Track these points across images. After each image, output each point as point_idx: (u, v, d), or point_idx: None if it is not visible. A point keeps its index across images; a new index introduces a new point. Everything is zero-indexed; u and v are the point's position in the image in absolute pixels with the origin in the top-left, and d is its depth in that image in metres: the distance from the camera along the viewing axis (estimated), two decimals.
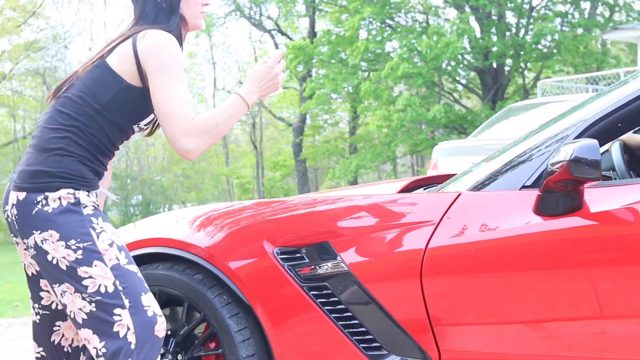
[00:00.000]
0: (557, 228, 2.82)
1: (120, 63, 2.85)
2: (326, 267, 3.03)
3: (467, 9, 22.92)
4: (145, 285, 2.84)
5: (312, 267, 3.05)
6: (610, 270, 2.79)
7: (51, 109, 2.90)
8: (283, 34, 31.56)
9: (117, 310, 2.75)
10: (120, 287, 2.76)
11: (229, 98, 2.90)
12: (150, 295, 2.83)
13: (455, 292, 2.93)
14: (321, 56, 24.94)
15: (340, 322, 3.02)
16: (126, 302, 2.76)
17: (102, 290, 2.75)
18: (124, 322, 2.75)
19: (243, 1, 30.43)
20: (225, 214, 3.34)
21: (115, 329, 2.75)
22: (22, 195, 2.80)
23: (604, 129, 2.98)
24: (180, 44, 2.97)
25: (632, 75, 3.32)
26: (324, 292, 3.04)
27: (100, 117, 2.83)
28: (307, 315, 3.05)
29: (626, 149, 3.36)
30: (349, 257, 3.03)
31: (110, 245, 2.80)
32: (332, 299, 3.04)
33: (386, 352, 2.99)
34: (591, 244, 2.80)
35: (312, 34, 28.43)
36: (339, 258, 3.02)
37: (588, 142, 2.70)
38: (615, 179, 3.30)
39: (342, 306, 3.02)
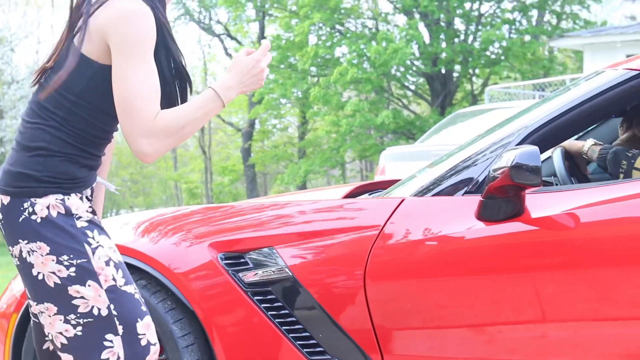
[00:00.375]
0: (499, 233, 2.85)
1: (89, 43, 2.45)
2: (270, 273, 3.03)
3: (416, 16, 23.08)
4: (143, 307, 2.55)
5: (256, 272, 3.04)
6: (551, 274, 2.82)
7: (31, 99, 2.56)
8: (232, 38, 31.53)
9: (109, 336, 2.49)
10: (114, 312, 2.49)
11: (202, 94, 2.48)
12: (147, 319, 2.55)
13: (399, 297, 2.94)
14: (271, 61, 24.88)
15: (284, 327, 3.02)
16: (119, 329, 2.50)
17: (95, 312, 2.48)
18: (115, 349, 2.49)
19: (192, 5, 30.36)
20: (171, 219, 3.32)
21: (103, 356, 2.49)
22: (6, 199, 2.50)
23: (546, 136, 3.02)
24: (159, 17, 2.50)
25: (573, 83, 3.37)
26: (268, 297, 3.04)
27: (79, 108, 2.47)
28: (251, 320, 3.05)
29: (567, 155, 3.40)
30: (293, 262, 3.03)
31: (107, 263, 2.50)
32: (276, 304, 3.03)
33: (330, 357, 2.99)
34: (532, 249, 2.83)
35: (262, 38, 28.42)
36: (282, 263, 3.02)
37: (529, 148, 2.73)
38: (556, 184, 3.34)
39: (286, 311, 3.02)
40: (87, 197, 2.60)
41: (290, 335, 3.02)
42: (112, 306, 2.49)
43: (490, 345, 2.87)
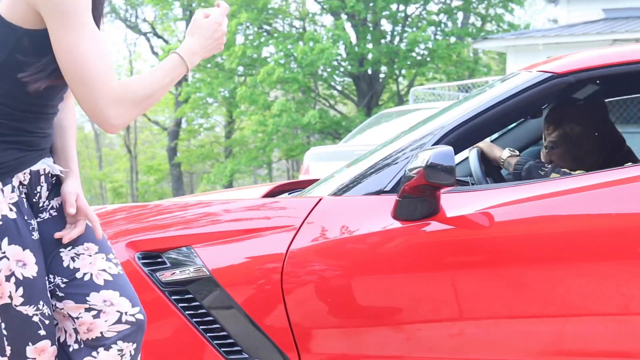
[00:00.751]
0: (415, 232, 2.88)
1: (10, 8, 2.21)
2: (188, 272, 3.01)
3: (343, 16, 23.17)
4: (40, 331, 2.29)
5: (174, 272, 3.02)
6: (466, 273, 2.86)
7: None
8: (159, 37, 31.29)
9: None
10: (4, 332, 2.27)
11: (167, 61, 2.31)
12: (42, 344, 2.31)
13: (316, 296, 2.95)
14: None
15: (201, 327, 3.01)
16: (7, 349, 2.28)
17: None
18: None
19: (119, 3, 30.03)
20: None
21: None
22: None
23: (461, 136, 3.07)
24: None
25: (489, 84, 3.42)
26: (186, 297, 3.02)
27: (2, 80, 2.22)
28: (168, 320, 3.03)
29: (483, 155, 3.45)
30: (211, 261, 3.01)
31: (7, 278, 2.23)
32: (193, 304, 3.02)
33: (247, 356, 2.99)
34: (448, 247, 2.87)
35: None
36: (200, 263, 3.01)
37: (443, 148, 2.76)
38: (472, 184, 3.39)
39: (204, 311, 3.01)
40: (20, 185, 2.32)
41: (208, 334, 3.01)
42: (2, 325, 2.27)
43: (408, 343, 2.90)
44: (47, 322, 2.33)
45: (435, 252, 2.87)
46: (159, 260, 3.06)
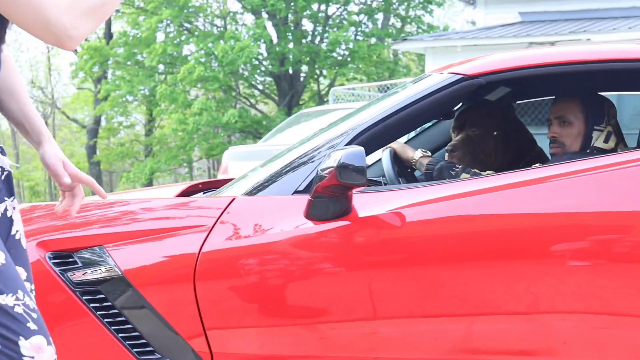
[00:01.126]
0: (327, 232, 2.90)
1: None
2: (99, 272, 2.99)
3: (264, 15, 23.16)
4: (29, 325, 2.08)
5: (85, 272, 2.99)
6: (379, 272, 2.88)
7: None
8: None
9: None
10: None
11: None
12: (36, 340, 2.08)
13: (229, 296, 2.95)
14: (117, 57, 24.56)
15: (113, 327, 2.98)
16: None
17: None
18: None
19: None
20: None
21: None
22: None
23: (374, 137, 3.09)
24: None
25: (401, 85, 3.46)
26: (97, 297, 3.00)
27: None
28: (79, 320, 3.00)
29: (396, 156, 3.48)
30: (123, 261, 2.99)
31: None
32: (105, 304, 2.99)
33: (160, 356, 2.97)
34: (360, 247, 2.89)
35: (109, 34, 27.94)
36: (112, 262, 2.98)
37: (355, 149, 2.78)
38: (385, 184, 3.42)
39: (116, 311, 2.99)
40: None
41: (120, 335, 2.98)
42: None
43: (322, 342, 2.91)
44: (34, 315, 2.11)
45: (348, 252, 2.89)
46: (71, 260, 3.03)
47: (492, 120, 3.66)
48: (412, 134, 4.58)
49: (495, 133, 3.63)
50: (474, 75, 3.13)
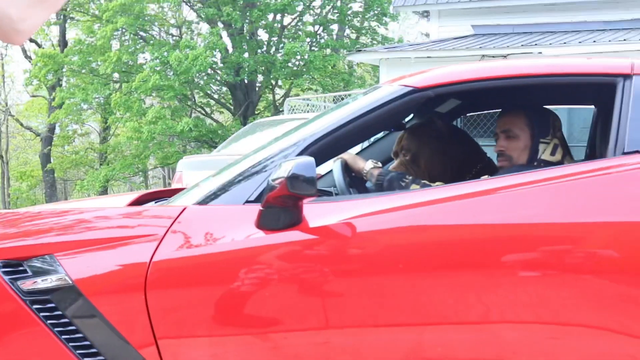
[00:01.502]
0: (278, 242, 2.91)
1: None
2: (50, 281, 2.97)
3: (220, 25, 23.12)
4: None
5: (35, 280, 2.98)
6: (331, 282, 2.89)
7: None
8: (32, 41, 30.55)
9: None
10: None
11: None
12: None
13: (181, 306, 2.95)
14: (72, 65, 24.39)
15: (63, 337, 2.96)
16: None
17: None
18: None
19: None
20: None
21: None
22: None
23: (325, 147, 3.11)
24: None
25: (352, 97, 3.48)
26: (48, 306, 2.98)
27: None
28: (29, 330, 2.98)
29: (347, 167, 3.50)
30: (74, 270, 2.98)
31: None
32: (56, 313, 2.98)
33: None
34: (311, 257, 2.89)
35: (63, 42, 27.73)
36: (62, 271, 2.97)
37: (305, 159, 2.80)
38: (336, 195, 3.44)
39: (67, 320, 2.97)
40: None
41: (70, 344, 2.97)
42: None
43: (274, 352, 2.91)
44: None
45: (299, 262, 2.90)
46: (21, 268, 3.01)
47: (416, 141, 3.70)
48: (364, 145, 4.62)
49: (433, 148, 3.68)
50: (423, 88, 3.17)
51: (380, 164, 3.55)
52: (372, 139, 4.74)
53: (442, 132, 3.74)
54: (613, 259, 2.81)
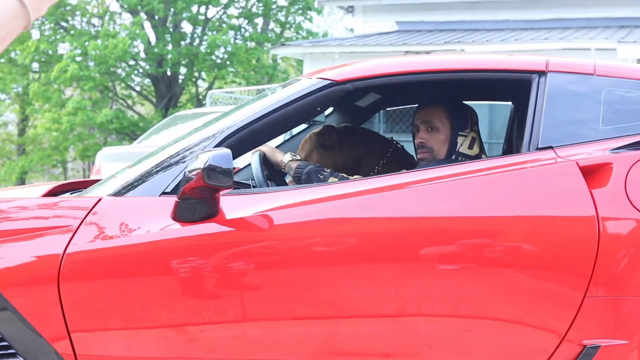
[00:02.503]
0: (194, 234, 2.89)
1: None
2: None
3: (143, 15, 22.91)
4: None
5: None
6: (248, 275, 2.88)
7: None
8: None
9: None
10: None
11: (0, 7, 1.63)
12: None
13: (95, 298, 2.91)
14: None
15: None
16: None
17: None
18: None
19: None
20: None
21: None
22: None
23: (242, 139, 3.10)
24: None
25: (271, 89, 3.48)
26: None
27: None
28: None
29: (266, 159, 3.50)
30: None
31: None
32: None
33: (22, 359, 2.91)
34: (227, 249, 2.88)
35: None
36: None
37: (222, 151, 2.78)
38: (254, 187, 3.43)
39: None
40: None
41: None
42: None
43: (191, 344, 2.89)
44: None
45: (215, 254, 2.88)
46: None
47: (306, 148, 3.74)
48: (284, 138, 4.62)
49: (313, 157, 3.72)
50: (342, 81, 3.17)
51: (298, 157, 3.55)
52: (292, 133, 4.74)
53: (329, 142, 3.75)
54: (528, 252, 2.86)
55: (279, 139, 4.70)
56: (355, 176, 3.43)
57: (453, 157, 3.45)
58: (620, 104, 3.09)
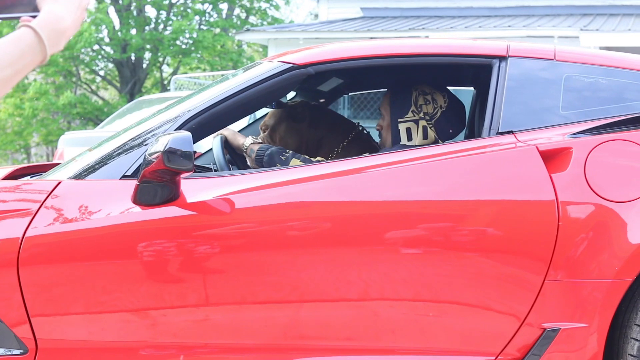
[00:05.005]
0: (155, 218, 2.87)
1: None
2: None
3: (107, 0, 22.73)
4: None
5: None
6: (208, 258, 2.88)
7: None
8: None
9: None
10: None
11: (16, 40, 1.56)
12: None
13: (56, 282, 2.88)
14: None
15: None
16: None
17: None
18: None
19: None
20: None
21: None
22: None
23: (203, 123, 3.08)
24: None
25: (232, 73, 3.46)
26: None
27: None
28: None
29: (227, 143, 3.49)
30: None
31: None
32: None
33: None
34: (188, 233, 2.87)
35: None
36: None
37: (182, 134, 2.77)
38: (215, 171, 3.42)
39: None
40: None
41: None
42: None
43: (153, 329, 2.89)
44: None
45: (176, 237, 2.87)
46: None
47: (274, 119, 3.74)
48: (248, 122, 4.60)
49: (281, 128, 3.73)
50: (303, 65, 3.16)
51: (260, 140, 3.54)
52: (255, 116, 4.73)
53: (301, 116, 3.75)
54: (489, 237, 2.87)
55: (243, 123, 4.68)
56: (317, 158, 3.43)
57: (409, 143, 3.40)
58: (580, 89, 3.11)
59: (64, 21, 1.58)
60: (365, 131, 3.86)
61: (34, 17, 1.59)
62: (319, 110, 3.86)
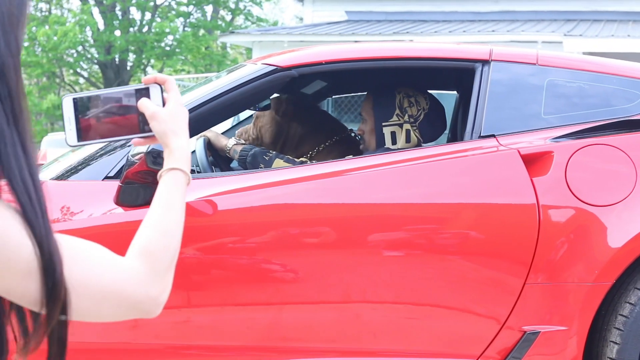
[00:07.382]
0: (138, 219, 2.84)
1: None
2: None
3: (91, 1, 22.69)
4: None
5: None
6: (190, 260, 2.87)
7: None
8: None
9: None
10: None
11: (167, 187, 1.50)
12: None
13: None
14: None
15: None
16: None
17: None
18: None
19: None
20: None
21: None
22: None
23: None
24: None
25: (216, 75, 3.46)
26: None
27: None
28: None
29: (210, 145, 3.48)
30: None
31: None
32: None
33: None
34: None
35: None
36: None
37: None
38: (198, 173, 3.41)
39: None
40: None
41: None
42: None
43: (134, 330, 2.88)
44: None
45: None
46: None
47: (260, 116, 3.75)
48: (232, 124, 4.60)
49: (271, 127, 3.73)
50: (286, 67, 3.16)
51: (243, 141, 3.54)
52: (239, 118, 4.73)
53: (285, 110, 3.75)
54: (470, 240, 2.88)
55: (227, 125, 4.68)
56: (301, 158, 3.43)
57: (395, 146, 3.42)
58: (562, 94, 3.12)
59: (189, 147, 1.57)
60: (357, 137, 3.86)
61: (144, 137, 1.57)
62: (306, 108, 3.86)
